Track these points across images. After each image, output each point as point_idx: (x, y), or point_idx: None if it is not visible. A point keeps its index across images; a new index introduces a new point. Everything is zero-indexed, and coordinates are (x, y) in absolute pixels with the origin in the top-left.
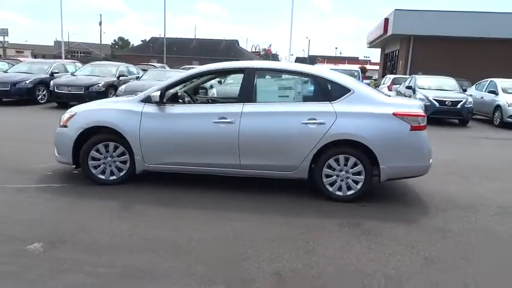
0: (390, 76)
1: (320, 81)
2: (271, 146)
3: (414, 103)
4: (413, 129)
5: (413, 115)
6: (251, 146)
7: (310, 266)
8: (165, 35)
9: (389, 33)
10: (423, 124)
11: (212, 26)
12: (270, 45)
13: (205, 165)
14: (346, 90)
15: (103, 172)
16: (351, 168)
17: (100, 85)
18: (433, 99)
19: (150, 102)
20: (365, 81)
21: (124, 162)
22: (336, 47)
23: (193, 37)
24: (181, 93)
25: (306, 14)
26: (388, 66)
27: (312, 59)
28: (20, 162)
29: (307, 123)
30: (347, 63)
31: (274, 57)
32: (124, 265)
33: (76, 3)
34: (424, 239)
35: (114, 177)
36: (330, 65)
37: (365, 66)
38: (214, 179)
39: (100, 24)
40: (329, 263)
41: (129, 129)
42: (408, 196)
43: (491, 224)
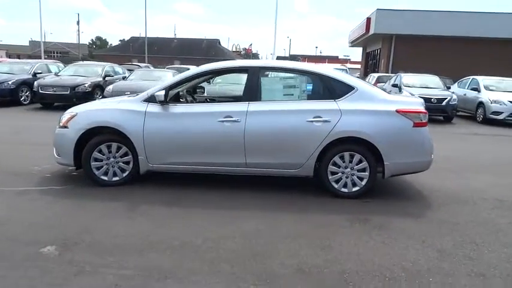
0: (374, 75)
1: (324, 80)
2: (278, 144)
3: (416, 100)
4: (415, 125)
5: (416, 112)
6: (257, 145)
7: (331, 261)
8: (146, 35)
9: (371, 32)
10: (425, 121)
11: (191, 25)
12: (251, 44)
13: (210, 165)
14: (350, 88)
15: (105, 173)
16: (356, 165)
17: (86, 85)
18: (419, 97)
19: (154, 101)
20: None
21: (127, 163)
22: (316, 46)
23: (173, 36)
24: (182, 93)
25: (286, 13)
26: (370, 64)
27: (293, 58)
28: (14, 165)
29: (313, 121)
30: (327, 62)
31: (254, 57)
32: (147, 266)
33: (51, 2)
34: (432, 232)
35: (117, 178)
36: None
37: (345, 65)
38: (215, 178)
39: (78, 23)
40: (348, 258)
41: (132, 129)
42: (407, 191)
43: (492, 217)
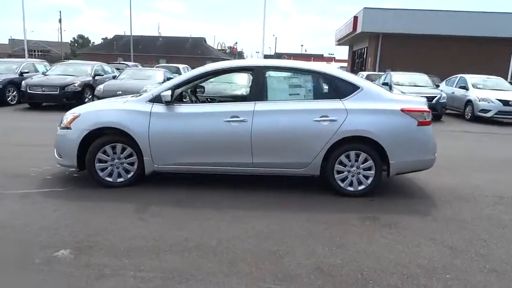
0: (363, 73)
1: (330, 79)
2: (285, 143)
3: (420, 99)
4: (420, 124)
5: (420, 111)
6: (264, 144)
7: (348, 260)
8: (131, 33)
9: (358, 31)
10: (428, 119)
11: (175, 23)
12: (236, 43)
13: (216, 165)
14: (355, 88)
15: (110, 174)
16: (362, 163)
17: (76, 85)
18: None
19: (159, 102)
20: None
21: (132, 164)
22: (302, 45)
23: (158, 35)
24: (185, 93)
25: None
26: (356, 63)
27: (279, 57)
28: (11, 167)
29: (319, 121)
30: (312, 60)
31: (239, 55)
32: (166, 268)
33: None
34: (441, 229)
35: (121, 180)
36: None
37: (330, 63)
38: (220, 178)
39: (60, 21)
40: (364, 256)
41: (138, 130)
42: (410, 189)
43: (495, 213)
